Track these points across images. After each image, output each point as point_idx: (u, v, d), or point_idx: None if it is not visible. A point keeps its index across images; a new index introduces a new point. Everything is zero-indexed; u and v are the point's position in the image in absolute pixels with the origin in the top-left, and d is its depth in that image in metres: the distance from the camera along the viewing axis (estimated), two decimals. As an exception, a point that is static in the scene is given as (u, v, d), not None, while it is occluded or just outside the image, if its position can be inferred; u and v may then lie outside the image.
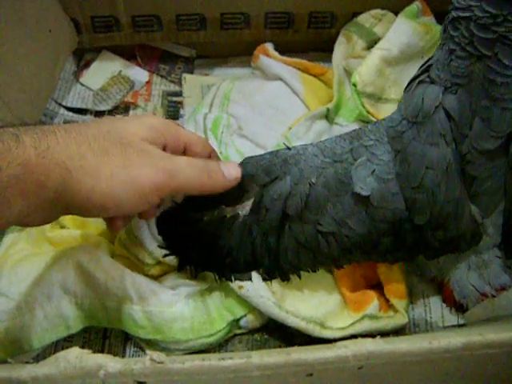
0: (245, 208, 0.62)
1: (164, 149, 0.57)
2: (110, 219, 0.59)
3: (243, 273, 0.65)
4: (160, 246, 0.67)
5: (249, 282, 0.65)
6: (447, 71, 0.57)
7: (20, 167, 0.44)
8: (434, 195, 0.58)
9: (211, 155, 0.63)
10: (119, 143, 0.51)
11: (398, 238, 0.61)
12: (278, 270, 0.64)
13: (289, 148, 0.64)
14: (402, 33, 0.82)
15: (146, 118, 0.56)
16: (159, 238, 0.67)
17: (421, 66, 0.61)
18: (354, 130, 0.64)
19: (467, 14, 0.54)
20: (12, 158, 0.44)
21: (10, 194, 0.44)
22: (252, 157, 0.64)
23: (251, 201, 0.62)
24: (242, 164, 0.63)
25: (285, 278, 0.65)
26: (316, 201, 0.60)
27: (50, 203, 0.48)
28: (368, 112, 0.82)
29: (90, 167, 0.48)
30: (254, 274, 0.65)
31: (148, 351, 0.43)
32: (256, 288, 0.65)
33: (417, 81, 0.60)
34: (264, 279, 0.65)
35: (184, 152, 0.60)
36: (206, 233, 0.63)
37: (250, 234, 0.62)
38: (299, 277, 0.65)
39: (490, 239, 0.64)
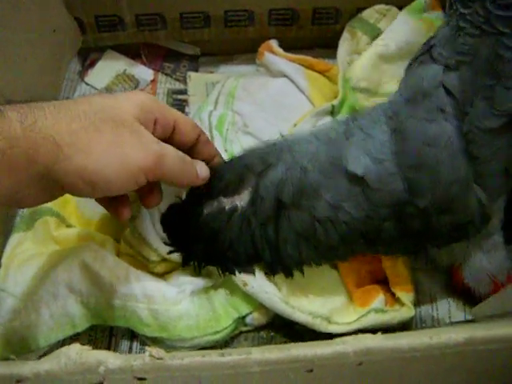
0: (243, 199, 0.62)
1: (154, 124, 0.56)
2: (115, 208, 0.59)
3: (246, 266, 0.65)
4: (165, 243, 0.67)
5: (253, 279, 0.65)
6: (451, 49, 0.56)
7: (5, 141, 0.43)
8: (436, 174, 0.56)
9: (200, 138, 0.62)
10: (112, 121, 0.50)
11: (401, 224, 0.59)
12: (280, 264, 0.64)
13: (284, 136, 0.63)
14: (401, 30, 0.82)
15: (135, 96, 0.55)
16: (164, 235, 0.67)
17: (423, 45, 0.60)
18: (350, 114, 0.63)
19: None
20: None
21: None
22: (250, 147, 0.64)
23: (249, 191, 0.61)
24: (240, 155, 0.64)
25: (288, 273, 0.65)
26: (309, 186, 0.59)
27: (41, 179, 0.47)
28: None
29: (82, 144, 0.47)
30: (258, 270, 0.65)
31: (147, 347, 0.43)
32: (261, 284, 0.65)
33: (418, 61, 0.60)
34: (266, 274, 0.65)
35: (173, 131, 0.59)
36: (206, 227, 0.63)
37: (248, 226, 0.61)
38: (302, 273, 0.65)
39: (497, 222, 0.63)
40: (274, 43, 0.94)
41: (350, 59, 0.90)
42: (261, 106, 0.87)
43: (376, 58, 0.81)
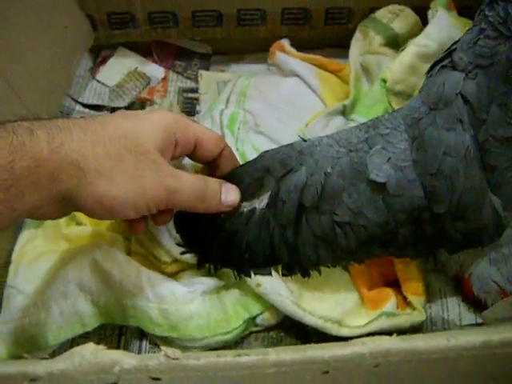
0: (262, 202, 0.62)
1: (175, 146, 0.58)
2: (131, 222, 0.60)
3: (262, 268, 0.65)
4: (178, 244, 0.67)
5: (267, 280, 0.65)
6: (471, 52, 0.56)
7: (32, 160, 0.45)
8: (453, 182, 0.56)
9: (223, 152, 0.63)
10: (134, 151, 0.52)
11: (417, 229, 0.60)
12: (297, 265, 0.64)
13: (304, 140, 0.63)
14: (442, 27, 0.80)
15: (158, 117, 0.57)
16: (176, 235, 0.67)
17: (445, 50, 0.60)
18: (370, 120, 0.63)
19: None
20: (25, 151, 0.45)
21: (22, 185, 0.45)
22: (268, 150, 0.64)
23: (268, 194, 0.61)
24: (258, 158, 0.64)
25: (305, 274, 0.64)
26: (332, 191, 0.59)
27: (62, 199, 0.49)
28: (394, 110, 0.81)
29: (104, 171, 0.50)
30: (273, 272, 0.65)
31: (163, 347, 0.43)
32: (274, 286, 0.65)
33: (439, 66, 0.60)
34: (284, 275, 0.65)
35: (195, 147, 0.60)
36: (223, 229, 0.63)
37: (267, 228, 0.61)
38: (319, 272, 0.64)
39: (511, 232, 0.62)
40: (285, 42, 0.94)
41: (363, 59, 0.89)
42: (272, 106, 0.87)
43: (416, 59, 0.79)
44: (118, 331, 0.72)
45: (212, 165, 0.64)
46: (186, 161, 0.67)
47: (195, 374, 0.42)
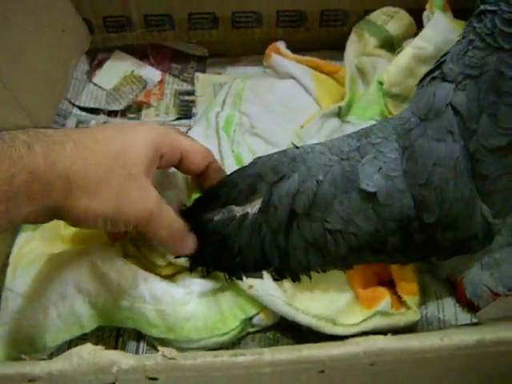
0: (254, 207, 0.62)
1: (161, 158, 0.60)
2: (109, 233, 0.66)
3: (253, 272, 0.65)
4: None
5: (258, 282, 0.65)
6: (461, 63, 0.57)
7: (30, 174, 0.47)
8: (443, 193, 0.57)
9: (210, 165, 0.66)
10: (122, 172, 0.55)
11: (406, 238, 0.61)
12: (287, 270, 0.64)
13: (297, 147, 0.64)
14: (438, 29, 0.80)
15: (147, 134, 0.59)
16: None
17: (436, 62, 0.61)
18: (362, 129, 0.64)
19: (494, 8, 0.54)
20: (23, 164, 0.47)
21: (19, 198, 0.47)
22: (261, 156, 0.65)
23: (260, 200, 0.62)
24: (251, 164, 0.65)
25: (295, 279, 0.65)
26: (323, 198, 0.60)
27: (53, 209, 0.51)
28: (390, 113, 0.81)
29: (91, 188, 0.52)
30: (265, 273, 0.65)
31: (160, 347, 0.43)
32: (265, 288, 0.65)
33: (429, 77, 0.60)
34: (275, 279, 0.65)
35: (180, 160, 0.63)
36: (216, 233, 0.63)
37: (259, 233, 0.62)
38: (310, 277, 0.65)
39: (502, 238, 0.63)
40: (281, 45, 0.94)
41: (358, 61, 0.90)
42: (268, 108, 0.87)
43: (412, 61, 0.79)
44: (116, 333, 0.72)
45: (199, 177, 0.67)
46: (172, 169, 0.68)
47: (192, 374, 0.42)
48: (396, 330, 0.67)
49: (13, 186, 0.46)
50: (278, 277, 0.65)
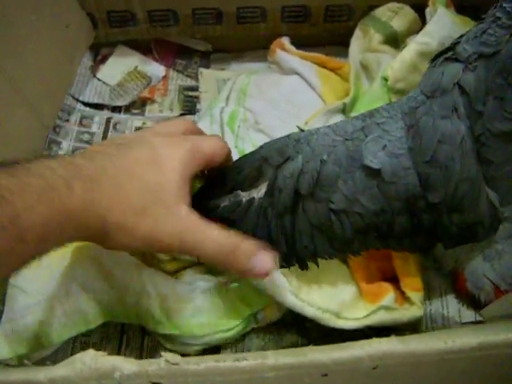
0: (260, 191, 0.62)
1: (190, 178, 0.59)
2: None
3: None
4: None
5: None
6: (476, 41, 0.56)
7: (65, 216, 0.46)
8: (448, 171, 0.57)
9: (227, 159, 0.65)
10: (158, 202, 0.54)
11: (413, 219, 0.60)
12: (295, 257, 0.64)
13: (302, 130, 0.64)
14: (442, 25, 0.80)
15: (177, 157, 0.57)
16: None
17: (450, 44, 0.60)
18: (368, 111, 0.63)
19: None
20: (62, 206, 0.46)
21: (51, 237, 0.46)
22: (268, 141, 0.65)
23: (266, 183, 0.62)
24: (257, 149, 0.65)
25: (303, 266, 0.64)
26: (327, 178, 0.59)
27: (85, 240, 0.53)
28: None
29: (127, 227, 0.52)
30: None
31: (163, 353, 0.43)
32: (273, 277, 0.65)
33: (442, 57, 0.60)
34: (282, 266, 0.65)
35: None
36: (223, 219, 0.63)
37: (265, 218, 0.62)
38: (317, 264, 0.64)
39: (506, 228, 0.63)
40: (285, 40, 0.94)
41: (363, 57, 0.89)
42: (272, 104, 0.87)
43: (416, 57, 0.79)
44: (120, 329, 0.73)
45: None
46: None
47: (195, 379, 0.43)
48: (400, 326, 0.67)
49: (48, 227, 0.45)
50: (286, 264, 0.65)
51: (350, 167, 0.59)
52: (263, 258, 0.57)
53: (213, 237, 0.56)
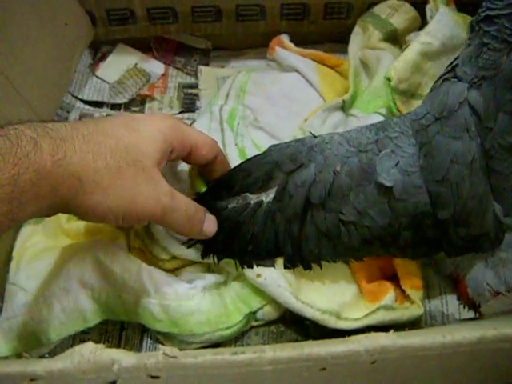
0: (269, 195, 0.63)
1: (171, 152, 0.60)
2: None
3: (265, 260, 0.66)
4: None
5: (267, 271, 0.65)
6: (474, 65, 0.57)
7: (36, 173, 0.46)
8: (459, 189, 0.58)
9: (217, 158, 0.65)
10: (133, 166, 0.54)
11: (418, 233, 0.61)
12: (299, 259, 0.64)
13: (315, 136, 0.64)
14: (444, 24, 0.80)
15: (157, 127, 0.58)
16: (174, 233, 0.68)
17: (447, 66, 0.61)
18: (379, 122, 0.64)
19: (509, 11, 0.54)
20: (29, 163, 0.45)
21: (25, 198, 0.46)
22: (277, 144, 0.65)
23: (275, 188, 0.62)
24: (267, 151, 0.65)
25: (306, 267, 0.65)
26: (339, 189, 0.60)
27: (60, 205, 0.50)
28: (398, 109, 0.81)
29: (103, 184, 0.51)
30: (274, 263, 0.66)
31: (161, 346, 0.43)
32: (274, 277, 0.65)
33: (442, 79, 0.60)
34: (286, 267, 0.65)
35: (189, 153, 0.62)
36: (229, 220, 0.64)
37: (273, 221, 0.63)
38: (320, 267, 0.65)
39: (511, 237, 0.63)
40: (285, 38, 0.94)
41: (362, 54, 0.89)
42: (272, 101, 0.87)
43: (419, 57, 0.78)
44: (120, 326, 0.72)
45: (204, 168, 0.67)
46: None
47: (193, 372, 0.42)
48: (400, 325, 0.67)
49: (17, 185, 0.44)
50: (290, 265, 0.65)
51: (362, 180, 0.60)
52: (210, 222, 0.63)
53: (182, 203, 0.58)
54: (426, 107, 0.61)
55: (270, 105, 0.86)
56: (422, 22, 0.89)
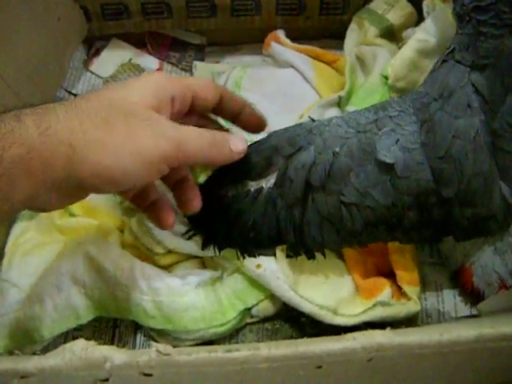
0: (269, 181, 0.62)
1: (172, 102, 0.55)
2: (156, 215, 0.59)
3: (267, 248, 0.65)
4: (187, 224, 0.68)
5: (267, 262, 0.65)
6: (473, 52, 0.57)
7: (23, 147, 0.44)
8: (462, 166, 0.57)
9: (223, 95, 0.60)
10: (122, 114, 0.49)
11: (423, 213, 0.60)
12: (302, 246, 0.63)
13: (313, 120, 0.64)
14: (441, 21, 0.79)
15: (147, 79, 0.54)
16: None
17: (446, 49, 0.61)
18: (379, 103, 0.64)
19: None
20: (14, 138, 0.43)
21: (14, 174, 0.43)
22: (276, 130, 0.65)
23: (276, 173, 0.61)
24: (266, 137, 0.64)
25: (310, 256, 0.64)
26: (339, 170, 0.59)
27: (60, 183, 0.47)
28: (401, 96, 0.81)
29: (95, 141, 0.47)
30: (273, 257, 0.66)
31: (154, 343, 0.43)
32: (273, 270, 0.65)
33: (441, 60, 0.60)
34: (288, 256, 0.65)
35: (193, 101, 0.58)
36: (230, 208, 0.63)
37: (274, 207, 0.62)
38: (324, 255, 0.64)
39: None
40: (280, 33, 0.94)
41: (358, 50, 0.89)
42: (267, 97, 0.86)
43: (416, 54, 0.78)
44: (113, 324, 0.72)
45: (216, 111, 0.62)
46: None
47: (187, 370, 0.42)
48: (396, 321, 0.67)
49: (4, 161, 0.42)
50: (293, 253, 0.65)
51: (362, 160, 0.59)
52: (236, 140, 0.57)
53: (191, 131, 0.53)
54: (426, 88, 0.61)
55: (266, 101, 0.86)
56: (419, 18, 0.89)
